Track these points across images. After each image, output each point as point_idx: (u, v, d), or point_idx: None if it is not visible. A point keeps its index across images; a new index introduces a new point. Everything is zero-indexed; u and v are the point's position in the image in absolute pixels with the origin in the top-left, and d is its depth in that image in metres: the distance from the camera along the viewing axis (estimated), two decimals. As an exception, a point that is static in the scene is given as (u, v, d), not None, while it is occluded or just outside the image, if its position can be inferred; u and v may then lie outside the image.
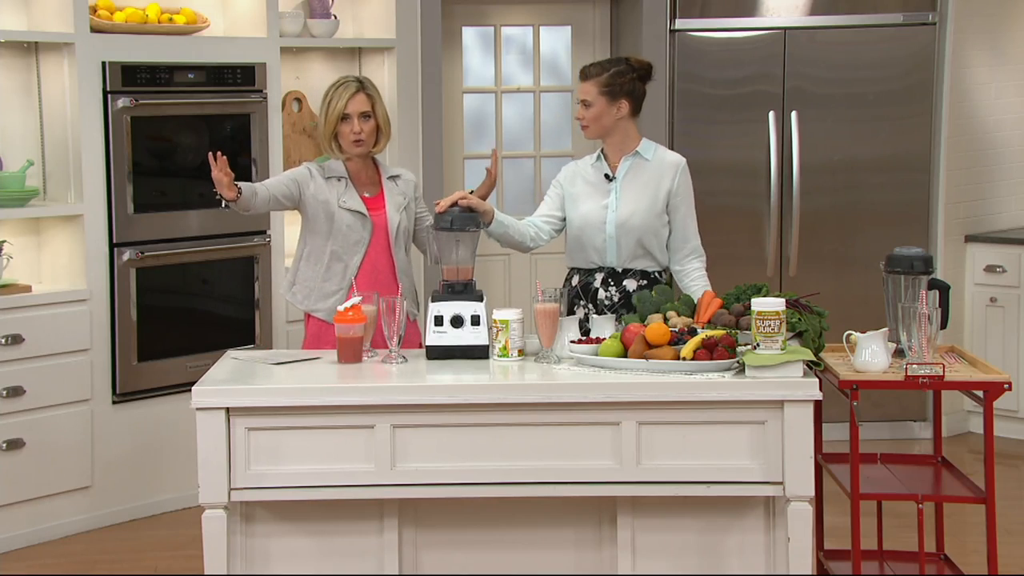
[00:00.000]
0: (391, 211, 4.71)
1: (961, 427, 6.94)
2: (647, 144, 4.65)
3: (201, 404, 3.76)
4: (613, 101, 4.57)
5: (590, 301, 4.63)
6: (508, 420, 3.79)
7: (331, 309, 4.61)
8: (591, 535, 3.96)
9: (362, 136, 4.62)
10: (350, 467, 3.79)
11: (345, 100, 4.61)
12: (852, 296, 6.51)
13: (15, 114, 5.58)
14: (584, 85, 4.59)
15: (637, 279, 4.59)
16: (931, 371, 3.85)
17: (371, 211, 4.69)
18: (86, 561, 5.23)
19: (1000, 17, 7.01)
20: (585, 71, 4.61)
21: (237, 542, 3.88)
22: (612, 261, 4.60)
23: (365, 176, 4.74)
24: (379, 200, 4.72)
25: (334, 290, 4.68)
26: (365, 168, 4.74)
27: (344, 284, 4.66)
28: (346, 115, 4.61)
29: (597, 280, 4.64)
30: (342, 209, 4.65)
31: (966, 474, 4.19)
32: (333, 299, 4.65)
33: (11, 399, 5.30)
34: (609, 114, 4.58)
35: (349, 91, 4.62)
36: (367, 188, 4.73)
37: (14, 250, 5.43)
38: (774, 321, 3.75)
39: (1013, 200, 7.22)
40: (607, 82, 4.56)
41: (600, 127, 4.60)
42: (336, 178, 4.68)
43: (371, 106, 4.64)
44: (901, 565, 4.35)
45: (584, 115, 4.60)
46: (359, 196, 4.69)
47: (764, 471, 3.78)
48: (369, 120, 4.64)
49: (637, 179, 4.60)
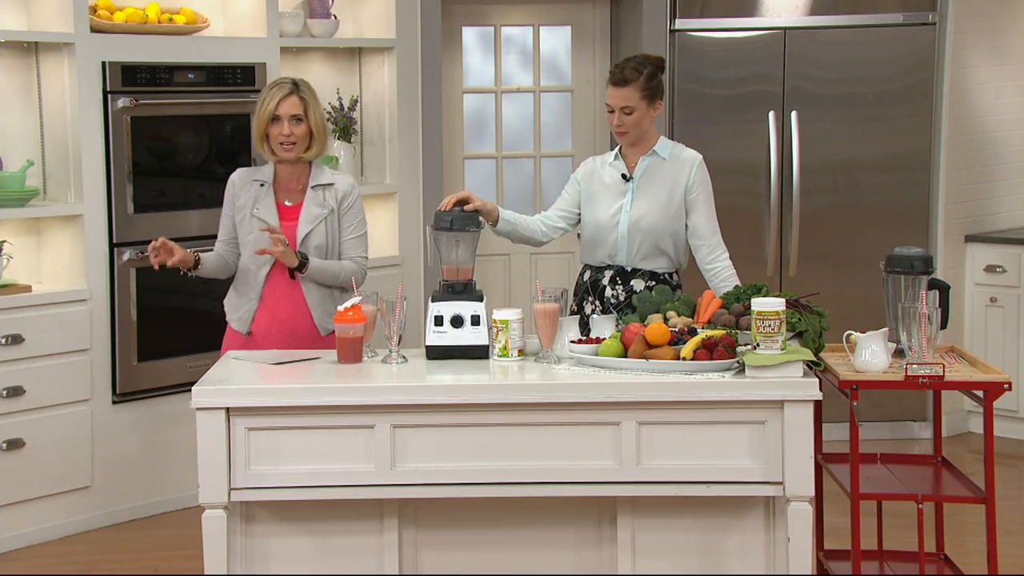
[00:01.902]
0: (303, 223, 4.53)
1: (961, 427, 6.94)
2: (664, 143, 4.63)
3: (201, 404, 3.76)
4: (652, 103, 4.55)
5: (597, 298, 4.63)
6: (508, 420, 3.79)
7: (242, 320, 4.58)
8: (591, 535, 3.95)
9: (292, 139, 4.48)
10: (350, 467, 3.79)
11: (276, 101, 4.46)
12: (852, 296, 6.51)
13: (15, 114, 5.58)
14: (623, 91, 4.51)
15: (645, 279, 4.58)
16: (931, 371, 3.85)
17: (285, 221, 4.54)
18: (86, 561, 5.23)
19: (1000, 17, 7.02)
20: (621, 77, 4.51)
21: (237, 542, 3.88)
22: (623, 260, 4.60)
23: (294, 183, 4.58)
24: (298, 210, 4.57)
25: (244, 301, 4.59)
26: (295, 174, 4.58)
27: (254, 295, 4.55)
28: (276, 117, 4.47)
29: (606, 278, 4.63)
30: (253, 217, 4.55)
31: (966, 474, 4.19)
32: (242, 311, 4.58)
33: (11, 399, 5.30)
34: (649, 117, 4.56)
35: (282, 92, 4.48)
36: (290, 196, 4.58)
37: (14, 250, 5.43)
38: (774, 321, 3.75)
39: (1013, 200, 7.22)
40: (645, 85, 4.52)
41: (640, 132, 4.56)
42: (259, 183, 4.58)
43: (303, 109, 4.49)
44: (901, 565, 4.35)
45: (625, 122, 4.53)
46: (275, 204, 4.56)
47: (764, 471, 3.78)
48: (301, 124, 4.48)
49: (654, 178, 4.59)
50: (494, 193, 7.11)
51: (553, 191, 7.06)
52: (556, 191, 4.82)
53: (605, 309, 4.59)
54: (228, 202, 4.65)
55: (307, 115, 4.50)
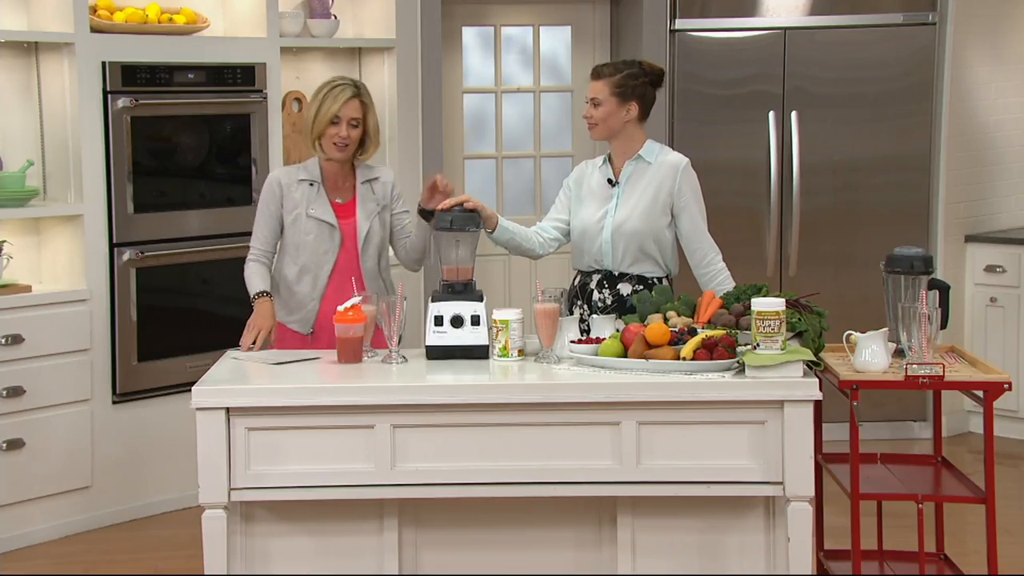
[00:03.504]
0: (361, 220, 4.60)
1: (961, 427, 6.94)
2: (650, 146, 4.62)
3: (201, 404, 3.75)
4: (623, 103, 4.55)
5: (585, 302, 4.63)
6: (508, 420, 3.79)
7: (303, 320, 4.60)
8: (591, 535, 3.95)
9: (347, 141, 4.52)
10: (350, 467, 3.78)
11: (341, 103, 4.50)
12: (852, 296, 6.50)
13: (15, 114, 5.58)
14: (595, 84, 4.55)
15: (632, 283, 4.57)
16: (931, 371, 3.85)
17: (341, 219, 4.60)
18: (86, 561, 5.22)
19: (1000, 17, 7.01)
20: (597, 70, 4.58)
21: (237, 542, 3.88)
22: (609, 264, 4.59)
23: (341, 180, 4.63)
24: (351, 207, 4.62)
25: (305, 301, 4.61)
26: (342, 172, 4.63)
27: (315, 295, 4.59)
28: (337, 118, 4.51)
29: (593, 281, 4.63)
30: (309, 218, 4.58)
31: (966, 474, 4.19)
32: (305, 311, 4.60)
33: (11, 399, 5.30)
34: (618, 116, 4.56)
35: (345, 95, 4.51)
36: (340, 194, 4.63)
37: (14, 250, 5.43)
38: (774, 321, 3.75)
39: (1013, 200, 7.21)
40: (619, 83, 4.53)
41: (607, 128, 4.58)
42: (308, 182, 4.60)
43: (363, 113, 4.54)
44: (901, 565, 4.35)
45: (593, 114, 4.56)
46: (329, 203, 4.60)
47: (764, 471, 3.78)
48: (357, 128, 4.53)
49: (639, 182, 4.59)
50: (494, 193, 7.11)
51: (553, 191, 7.03)
52: (556, 191, 4.82)
53: (592, 312, 4.58)
54: (273, 203, 4.62)
55: (365, 119, 4.55)
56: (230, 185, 5.96)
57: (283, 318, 4.64)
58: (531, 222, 4.82)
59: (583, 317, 4.56)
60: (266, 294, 4.55)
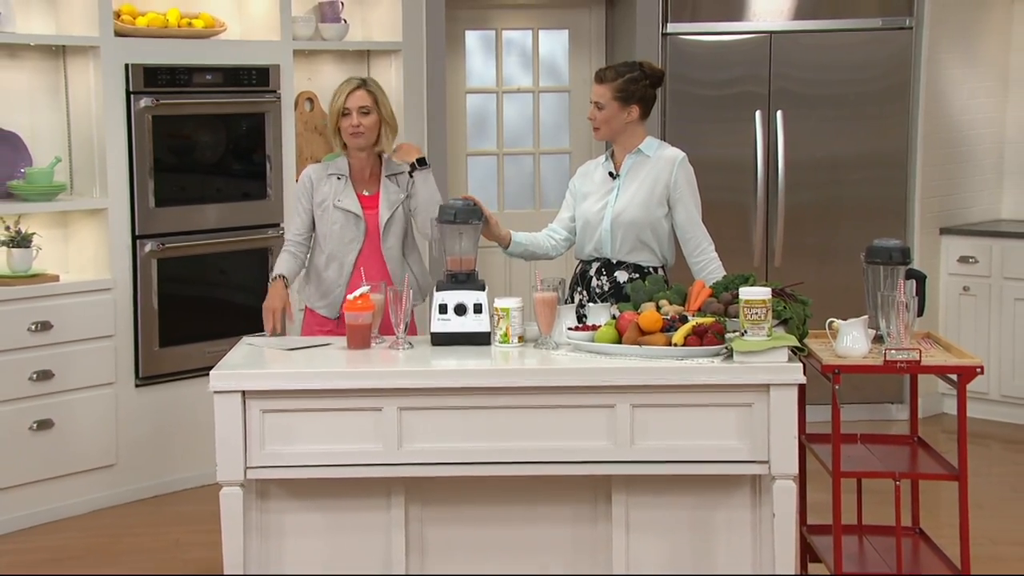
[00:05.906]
0: (383, 208, 4.63)
1: (936, 408, 6.93)
2: (650, 142, 4.61)
3: (218, 387, 3.74)
4: (625, 106, 4.53)
5: (585, 288, 4.61)
6: (509, 403, 3.77)
7: (331, 305, 4.62)
8: (587, 511, 3.94)
9: (360, 129, 4.56)
10: (359, 447, 3.77)
11: (345, 95, 4.57)
12: (834, 285, 6.48)
13: (44, 113, 5.57)
14: (598, 88, 4.53)
15: (629, 272, 4.55)
16: (908, 356, 3.84)
17: (367, 210, 4.63)
18: (111, 535, 5.22)
19: (972, 21, 6.99)
20: (600, 75, 4.55)
21: (253, 517, 3.87)
22: (608, 253, 4.58)
23: (368, 173, 4.68)
24: (376, 199, 4.66)
25: (332, 287, 4.64)
26: (368, 165, 4.68)
27: (342, 281, 4.61)
28: (346, 110, 4.56)
29: (592, 269, 4.62)
30: (336, 208, 4.61)
31: (940, 453, 4.18)
32: (332, 296, 4.62)
33: (41, 382, 5.29)
34: (619, 118, 4.54)
35: (350, 87, 4.59)
36: (367, 186, 4.67)
37: (43, 242, 5.42)
38: (760, 309, 3.73)
39: (985, 194, 7.20)
40: (621, 87, 4.51)
41: (610, 130, 4.56)
42: (337, 176, 4.65)
43: (372, 101, 4.58)
44: (879, 539, 4.34)
45: (596, 116, 4.55)
46: (356, 195, 4.64)
47: (751, 451, 3.77)
48: (368, 115, 4.57)
49: (637, 175, 4.57)
50: (495, 188, 7.10)
51: (551, 186, 7.06)
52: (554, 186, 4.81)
53: (591, 298, 4.57)
54: (304, 197, 4.67)
55: (377, 106, 4.59)
56: (246, 180, 5.95)
57: (314, 303, 4.69)
58: (531, 214, 4.82)
59: (583, 303, 4.55)
60: (281, 277, 4.56)
